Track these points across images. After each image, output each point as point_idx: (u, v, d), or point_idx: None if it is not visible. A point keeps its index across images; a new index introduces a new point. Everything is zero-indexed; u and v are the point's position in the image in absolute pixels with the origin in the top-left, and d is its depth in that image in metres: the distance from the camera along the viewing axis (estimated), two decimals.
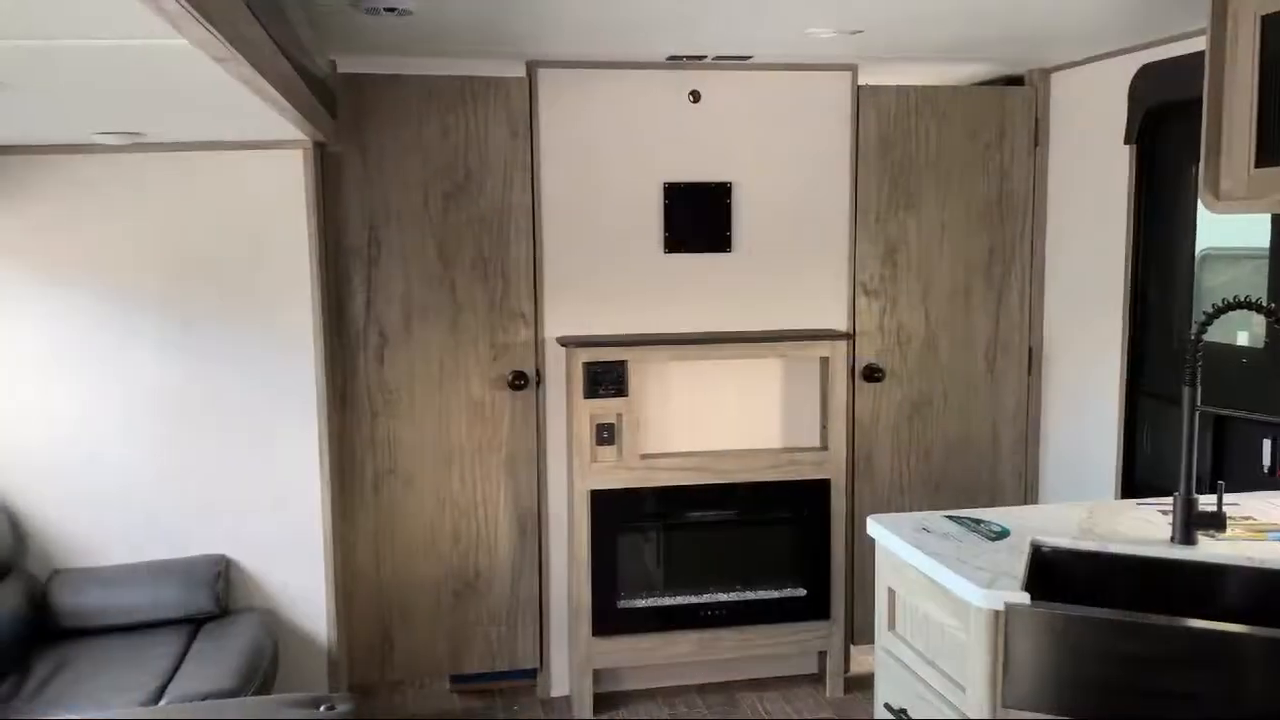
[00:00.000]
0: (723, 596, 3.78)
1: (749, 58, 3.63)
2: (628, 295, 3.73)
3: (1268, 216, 2.98)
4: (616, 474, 3.64)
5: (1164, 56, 3.25)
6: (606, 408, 3.60)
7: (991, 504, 3.86)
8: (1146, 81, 3.34)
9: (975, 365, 3.98)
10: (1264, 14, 2.29)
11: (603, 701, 3.75)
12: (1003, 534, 2.28)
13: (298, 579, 3.44)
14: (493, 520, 3.71)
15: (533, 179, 3.63)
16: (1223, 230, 3.21)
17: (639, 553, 3.77)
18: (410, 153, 3.55)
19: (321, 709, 2.44)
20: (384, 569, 3.66)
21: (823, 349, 3.78)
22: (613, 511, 3.65)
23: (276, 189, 3.33)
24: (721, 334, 3.75)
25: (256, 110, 2.35)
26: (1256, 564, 2.09)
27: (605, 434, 3.61)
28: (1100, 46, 3.48)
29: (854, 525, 3.80)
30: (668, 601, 3.75)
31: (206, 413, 3.37)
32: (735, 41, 3.35)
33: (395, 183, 3.55)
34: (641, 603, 3.73)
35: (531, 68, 3.60)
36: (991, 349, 3.98)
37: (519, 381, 3.65)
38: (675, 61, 3.64)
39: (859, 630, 3.86)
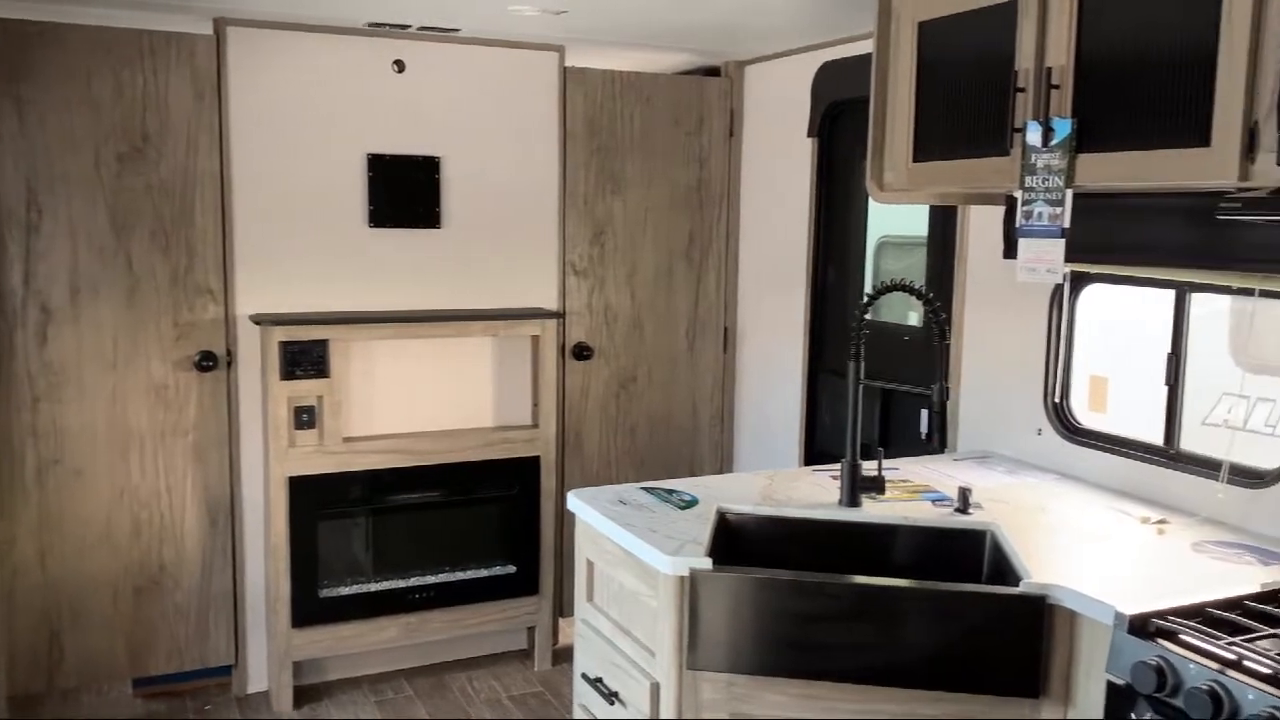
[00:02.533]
0: (430, 579, 3.73)
1: (455, 30, 3.57)
2: (330, 271, 3.58)
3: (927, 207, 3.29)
4: (317, 458, 3.48)
5: (843, 55, 3.51)
6: (306, 389, 3.44)
7: (692, 476, 4.04)
8: (826, 78, 3.59)
9: (677, 344, 4.15)
10: (920, 20, 2.52)
11: (305, 694, 3.60)
12: (692, 503, 2.39)
13: None
14: (179, 511, 3.45)
15: (221, 145, 3.39)
16: (897, 219, 3.51)
17: (343, 539, 3.64)
18: (78, 110, 3.21)
19: None
20: (51, 567, 3.31)
21: (533, 328, 3.79)
22: (313, 497, 3.50)
23: None
24: (431, 312, 3.68)
25: None
26: (910, 522, 2.31)
27: (305, 417, 3.45)
28: (788, 43, 3.71)
29: (563, 501, 3.86)
30: (373, 587, 3.65)
31: None
32: (439, 12, 3.28)
33: (60, 142, 3.20)
34: (345, 590, 3.61)
35: (220, 25, 3.36)
36: (692, 329, 4.16)
37: (207, 362, 3.41)
38: (378, 29, 3.51)
39: (568, 603, 3.93)
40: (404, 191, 3.64)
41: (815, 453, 3.77)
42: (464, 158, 3.73)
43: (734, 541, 2.37)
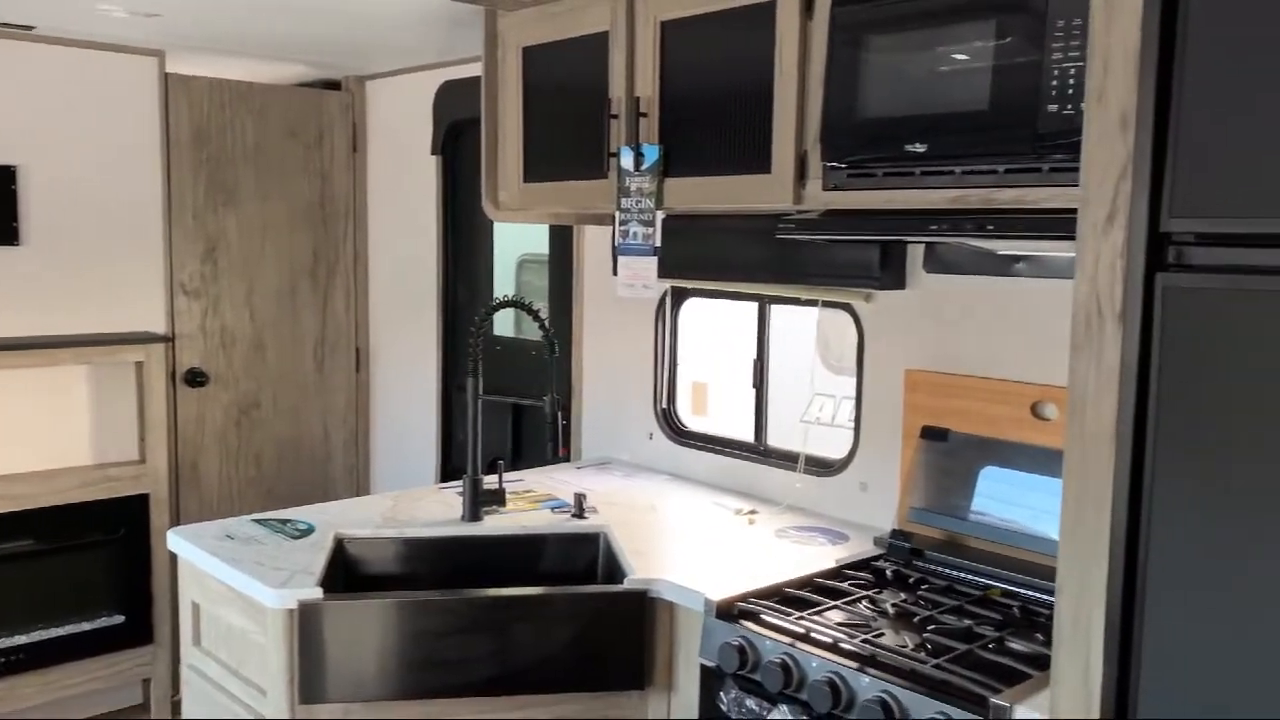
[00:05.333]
0: (21, 638, 3.30)
1: (31, 28, 3.21)
2: None
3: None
4: None
5: (462, 76, 3.54)
6: None
7: (326, 502, 3.89)
8: (447, 98, 3.61)
9: (304, 366, 3.98)
10: (524, 46, 2.61)
11: None
12: (308, 531, 2.31)
13: None
14: None
15: None
16: (535, 238, 3.57)
17: None
18: None
19: None
20: None
21: (136, 354, 3.49)
22: None
23: None
24: (8, 340, 3.27)
25: None
26: (528, 531, 2.37)
27: None
28: (407, 60, 3.69)
29: None
30: None
31: None
32: (12, 7, 2.93)
33: None
34: None
35: None
36: (320, 349, 4.02)
37: None
38: None
39: None
40: None
41: (452, 470, 3.77)
42: (49, 167, 3.36)
43: (354, 567, 2.31)
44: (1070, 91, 1.59)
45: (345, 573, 2.29)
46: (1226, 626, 1.25)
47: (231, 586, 2.07)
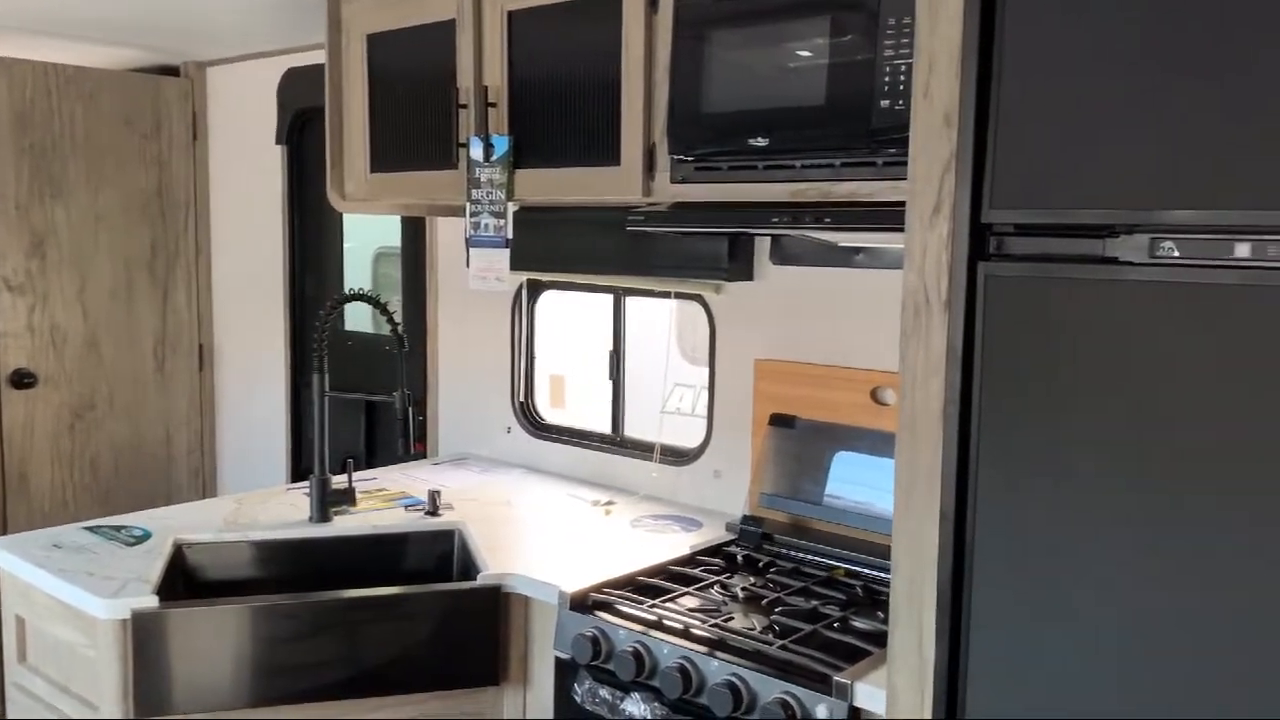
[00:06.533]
0: None
1: None
2: None
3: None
4: None
5: (307, 63, 3.43)
6: None
7: (169, 506, 3.73)
8: (292, 85, 3.50)
9: (144, 365, 3.79)
10: (369, 33, 2.54)
11: None
12: (144, 537, 2.20)
13: None
14: None
15: None
16: (394, 230, 3.47)
17: None
18: None
19: None
20: None
21: None
22: None
23: None
24: None
25: None
26: (379, 530, 2.33)
27: None
28: (251, 46, 3.55)
29: None
30: None
31: None
32: None
33: None
34: None
35: None
36: (160, 348, 3.83)
37: None
38: None
39: None
40: None
41: (303, 470, 3.66)
42: None
43: (195, 574, 2.22)
44: (901, 88, 1.65)
45: (186, 580, 2.19)
46: (1048, 599, 1.32)
47: (58, 598, 1.96)
